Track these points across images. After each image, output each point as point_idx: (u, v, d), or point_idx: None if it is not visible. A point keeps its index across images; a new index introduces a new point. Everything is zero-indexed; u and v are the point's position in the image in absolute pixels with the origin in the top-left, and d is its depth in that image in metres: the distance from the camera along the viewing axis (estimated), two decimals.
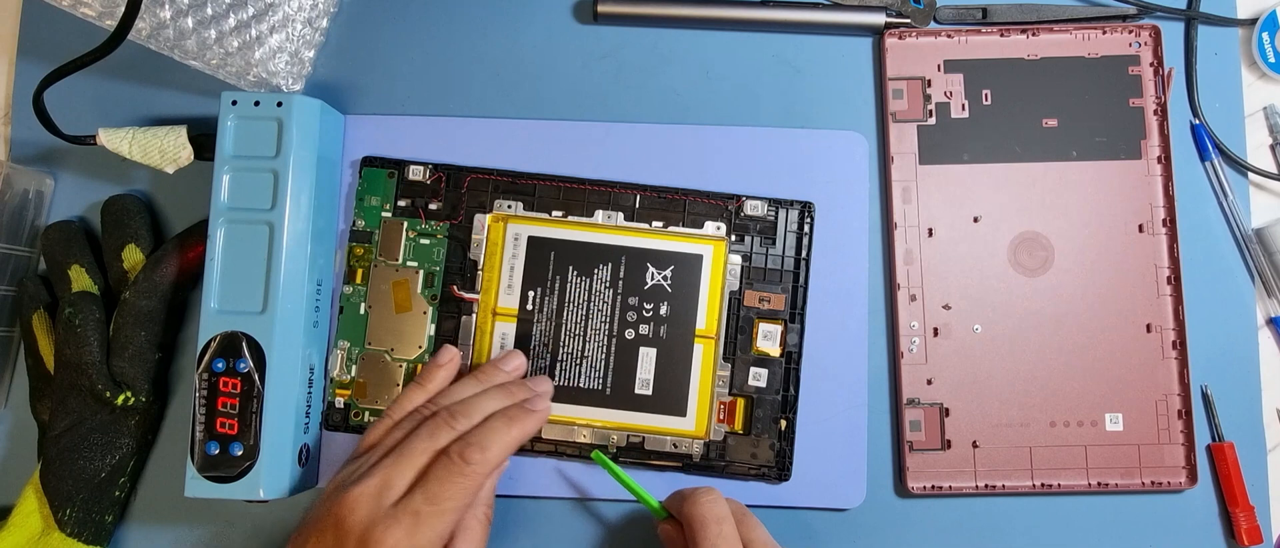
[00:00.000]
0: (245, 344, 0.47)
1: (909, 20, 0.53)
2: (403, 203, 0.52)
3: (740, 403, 0.51)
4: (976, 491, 0.51)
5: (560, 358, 0.51)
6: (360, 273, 0.51)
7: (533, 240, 0.51)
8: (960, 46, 0.53)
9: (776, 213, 0.51)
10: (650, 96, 0.54)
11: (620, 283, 0.51)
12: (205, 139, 0.50)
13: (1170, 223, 0.52)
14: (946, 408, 0.51)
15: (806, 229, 0.51)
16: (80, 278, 0.50)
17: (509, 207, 0.52)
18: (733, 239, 0.51)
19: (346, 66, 0.54)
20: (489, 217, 0.51)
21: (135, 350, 0.48)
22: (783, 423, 0.50)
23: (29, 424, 0.51)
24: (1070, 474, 0.51)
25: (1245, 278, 0.53)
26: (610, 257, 0.51)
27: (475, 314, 0.51)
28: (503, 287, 0.51)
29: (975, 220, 0.52)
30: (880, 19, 0.53)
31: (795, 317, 0.51)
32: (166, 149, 0.49)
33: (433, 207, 0.52)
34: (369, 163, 0.52)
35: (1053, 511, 0.52)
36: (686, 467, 0.50)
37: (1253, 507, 0.51)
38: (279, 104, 0.48)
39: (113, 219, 0.51)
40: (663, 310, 0.51)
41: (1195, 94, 0.54)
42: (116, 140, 0.49)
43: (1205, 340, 0.52)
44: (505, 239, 0.51)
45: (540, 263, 0.51)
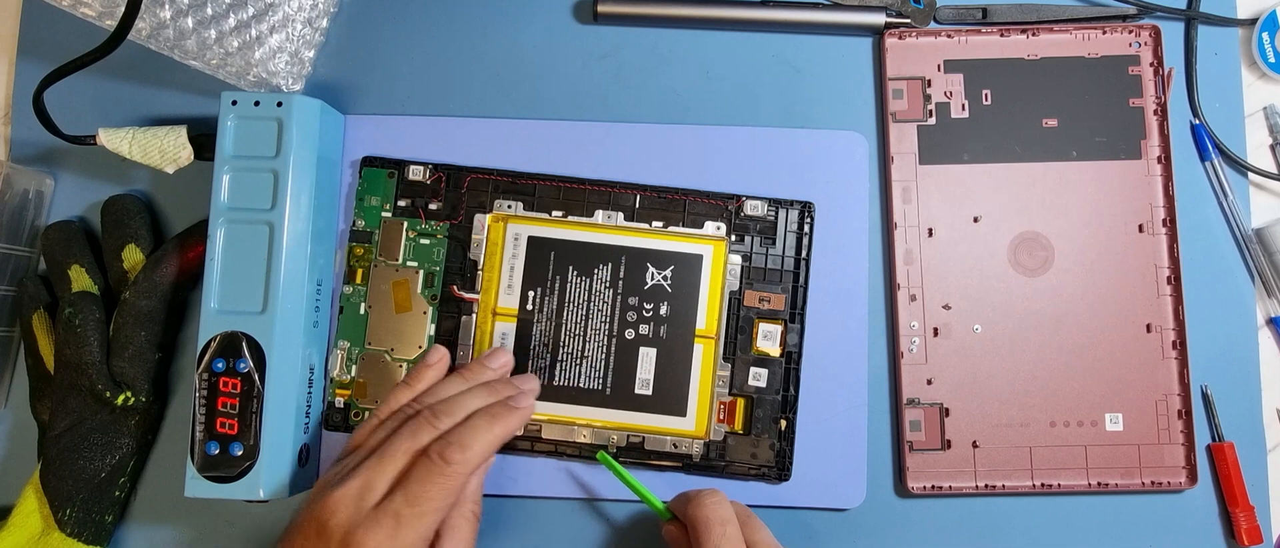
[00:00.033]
0: (245, 344, 0.47)
1: (909, 20, 0.53)
2: (403, 203, 0.52)
3: (740, 403, 0.51)
4: (976, 491, 0.51)
5: (560, 358, 0.51)
6: (360, 273, 0.51)
7: (533, 240, 0.51)
8: (960, 46, 0.53)
9: (776, 213, 0.51)
10: (650, 96, 0.54)
11: (620, 283, 0.51)
12: (205, 139, 0.50)
13: (1170, 223, 0.52)
14: (946, 408, 0.51)
15: (806, 229, 0.51)
16: (80, 278, 0.50)
17: (509, 207, 0.52)
18: (733, 239, 0.51)
19: (346, 66, 0.54)
20: (489, 217, 0.51)
21: (135, 350, 0.48)
22: (783, 423, 0.50)
23: (29, 424, 0.51)
24: (1070, 474, 0.51)
25: (1245, 278, 0.53)
26: (610, 257, 0.51)
27: (475, 314, 0.51)
28: (503, 287, 0.51)
29: (975, 220, 0.52)
30: (880, 19, 0.53)
31: (795, 317, 0.51)
32: (166, 149, 0.49)
33: (433, 207, 0.52)
34: (369, 163, 0.52)
35: (1053, 511, 0.52)
36: (686, 467, 0.50)
37: (1253, 507, 0.51)
38: (279, 104, 0.48)
39: (113, 219, 0.51)
40: (663, 310, 0.51)
41: (1195, 94, 0.54)
42: (116, 140, 0.49)
43: (1205, 340, 0.52)
44: (505, 239, 0.51)
45: (540, 263, 0.51)
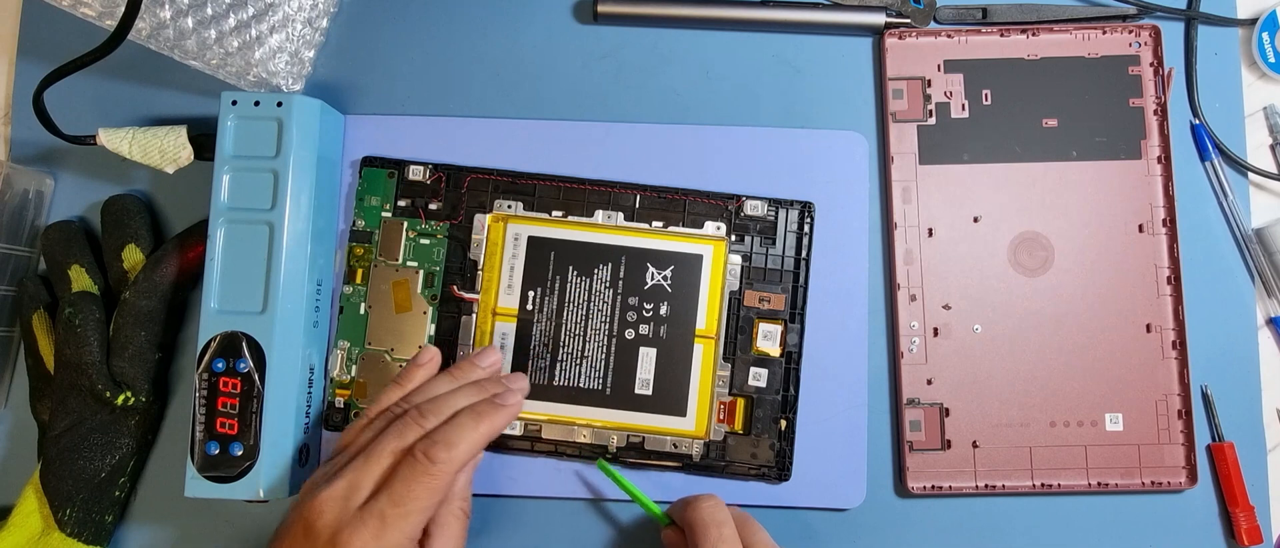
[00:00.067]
0: (245, 344, 0.47)
1: (909, 20, 0.53)
2: (403, 203, 0.52)
3: (740, 403, 0.51)
4: (976, 491, 0.51)
5: (560, 358, 0.51)
6: (360, 273, 0.51)
7: (533, 240, 0.51)
8: (960, 46, 0.53)
9: (776, 213, 0.51)
10: (650, 96, 0.54)
11: (620, 283, 0.51)
12: (205, 139, 0.50)
13: (1170, 223, 0.52)
14: (946, 408, 0.51)
15: (806, 229, 0.51)
16: (80, 278, 0.50)
17: (509, 207, 0.52)
18: (733, 239, 0.51)
19: (346, 66, 0.54)
20: (489, 217, 0.51)
21: (135, 350, 0.48)
22: (783, 423, 0.50)
23: (29, 424, 0.51)
24: (1070, 474, 0.51)
25: (1245, 278, 0.53)
26: (610, 257, 0.51)
27: (475, 314, 0.51)
28: (503, 287, 0.51)
29: (975, 220, 0.52)
30: (880, 19, 0.53)
31: (795, 317, 0.51)
32: (166, 149, 0.49)
33: (433, 207, 0.52)
34: (369, 163, 0.52)
35: (1053, 511, 0.52)
36: (686, 467, 0.50)
37: (1253, 507, 0.51)
38: (279, 104, 0.48)
39: (113, 219, 0.51)
40: (663, 310, 0.51)
41: (1195, 94, 0.54)
42: (116, 140, 0.49)
43: (1205, 340, 0.52)
44: (505, 239, 0.51)
45: (540, 263, 0.51)
